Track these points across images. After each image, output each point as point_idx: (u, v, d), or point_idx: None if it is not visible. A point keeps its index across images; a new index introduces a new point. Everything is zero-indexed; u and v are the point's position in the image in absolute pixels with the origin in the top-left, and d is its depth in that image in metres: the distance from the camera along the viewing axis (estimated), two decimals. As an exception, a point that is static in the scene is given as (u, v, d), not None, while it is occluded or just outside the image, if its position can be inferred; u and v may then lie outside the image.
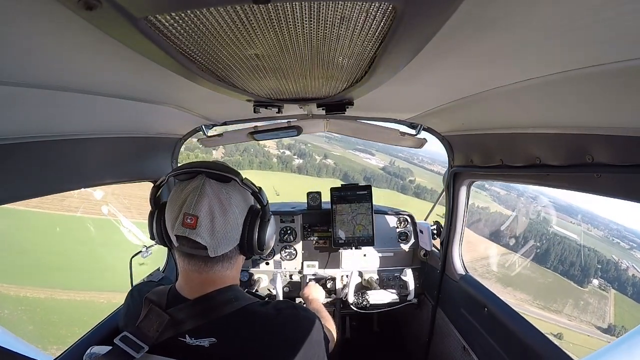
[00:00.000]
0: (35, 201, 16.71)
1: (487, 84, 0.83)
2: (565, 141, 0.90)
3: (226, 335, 0.73)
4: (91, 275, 13.58)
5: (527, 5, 0.42)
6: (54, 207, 17.49)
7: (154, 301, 0.76)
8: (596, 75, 0.57)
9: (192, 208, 0.71)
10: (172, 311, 0.74)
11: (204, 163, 0.77)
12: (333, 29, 0.47)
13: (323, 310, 1.33)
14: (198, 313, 0.74)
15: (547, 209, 35.96)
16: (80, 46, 0.55)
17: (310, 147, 58.07)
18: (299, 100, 1.02)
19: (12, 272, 13.54)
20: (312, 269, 2.13)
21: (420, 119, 1.58)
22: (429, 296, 2.09)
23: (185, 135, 1.74)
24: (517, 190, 37.45)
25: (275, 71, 0.69)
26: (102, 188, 3.82)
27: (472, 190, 1.75)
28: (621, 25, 0.41)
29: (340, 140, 56.82)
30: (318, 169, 52.59)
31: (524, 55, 0.61)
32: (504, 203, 39.36)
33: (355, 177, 48.98)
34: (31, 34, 0.47)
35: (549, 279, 30.16)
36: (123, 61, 0.64)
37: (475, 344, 1.54)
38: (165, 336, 0.72)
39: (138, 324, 0.73)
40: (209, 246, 0.73)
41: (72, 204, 17.92)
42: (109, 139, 1.17)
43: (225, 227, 0.74)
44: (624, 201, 0.82)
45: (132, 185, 1.48)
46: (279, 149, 55.66)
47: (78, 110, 0.90)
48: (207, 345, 0.71)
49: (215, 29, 0.46)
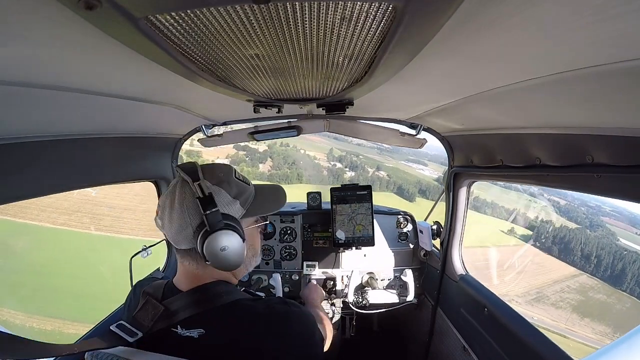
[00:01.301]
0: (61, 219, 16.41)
1: (487, 84, 0.83)
2: (565, 141, 0.90)
3: (214, 326, 0.74)
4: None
5: (527, 6, 0.42)
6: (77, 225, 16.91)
7: (150, 294, 0.80)
8: (596, 75, 0.57)
9: (161, 201, 0.80)
10: (166, 302, 0.77)
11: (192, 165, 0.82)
12: (333, 29, 0.47)
13: (321, 309, 1.33)
14: (190, 304, 0.77)
15: (611, 219, 32.05)
16: (80, 46, 0.54)
17: (362, 159, 55.21)
18: (299, 100, 1.02)
19: (22, 296, 12.05)
20: (312, 269, 2.13)
21: (420, 119, 1.58)
22: (429, 296, 2.09)
23: (185, 135, 1.74)
24: (579, 199, 33.28)
25: (275, 71, 0.69)
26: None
27: (530, 200, 1.73)
28: (621, 25, 0.41)
29: (392, 151, 54.34)
30: (371, 182, 50.78)
31: (524, 55, 0.61)
32: (566, 214, 33.88)
33: (410, 190, 46.08)
34: (31, 33, 0.47)
35: (626, 305, 23.47)
36: (123, 61, 0.64)
37: (475, 344, 1.54)
38: (158, 326, 0.74)
39: (134, 314, 0.77)
40: (170, 239, 0.79)
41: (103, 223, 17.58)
42: (109, 139, 1.17)
43: (178, 221, 0.77)
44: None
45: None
46: (329, 161, 53.03)
47: (78, 110, 0.90)
48: (196, 336, 0.73)
49: (215, 28, 0.46)
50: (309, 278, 2.12)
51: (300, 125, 1.77)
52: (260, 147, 46.18)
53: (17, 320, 10.85)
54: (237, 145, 42.63)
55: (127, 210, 18.88)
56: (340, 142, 57.36)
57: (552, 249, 27.27)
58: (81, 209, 18.25)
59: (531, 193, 32.28)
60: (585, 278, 24.73)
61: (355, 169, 52.38)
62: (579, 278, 24.84)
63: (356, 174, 51.01)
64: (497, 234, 28.71)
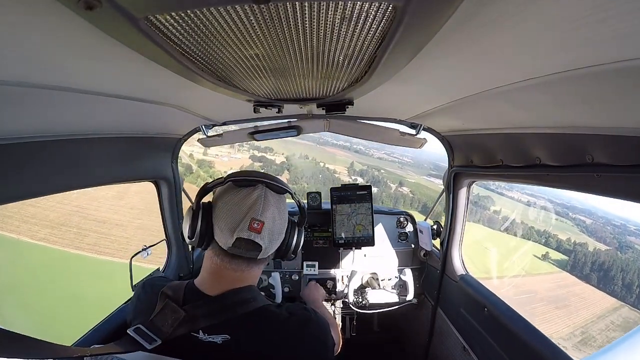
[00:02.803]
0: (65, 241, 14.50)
1: (487, 84, 0.83)
2: (565, 141, 0.90)
3: (240, 333, 0.74)
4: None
5: (527, 5, 0.42)
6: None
7: (170, 296, 0.77)
8: (596, 75, 0.57)
9: (260, 214, 0.77)
10: (188, 307, 0.74)
11: (261, 174, 0.83)
12: (333, 29, 0.47)
13: (327, 312, 1.34)
14: (215, 310, 0.75)
15: (638, 239, 29.66)
16: (80, 46, 0.54)
17: (384, 174, 52.21)
18: (299, 100, 1.02)
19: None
20: (312, 269, 2.13)
21: (420, 119, 1.58)
22: (429, 296, 2.09)
23: (185, 135, 1.74)
24: (603, 217, 30.88)
25: (275, 71, 0.69)
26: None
27: (557, 219, 1.71)
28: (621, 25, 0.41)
29: (413, 165, 52.70)
30: (395, 200, 44.84)
31: (523, 55, 0.61)
32: (594, 235, 30.61)
33: (436, 208, 44.80)
34: (31, 34, 0.47)
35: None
36: (123, 61, 0.64)
37: (475, 344, 1.54)
38: (179, 332, 0.72)
39: (152, 318, 0.73)
40: (265, 248, 0.78)
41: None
42: (109, 139, 1.17)
43: (278, 234, 0.82)
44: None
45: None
46: (350, 176, 49.60)
47: (78, 110, 0.90)
48: (219, 342, 0.72)
49: (215, 29, 0.46)
50: (309, 278, 2.12)
51: (300, 125, 1.77)
52: (277, 159, 44.21)
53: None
54: (254, 157, 41.07)
55: (118, 226, 16.86)
56: (362, 156, 54.91)
57: (590, 277, 24.19)
58: (67, 222, 16.30)
59: (557, 212, 30.01)
60: (627, 311, 22.10)
61: (378, 185, 49.34)
62: (621, 311, 22.14)
63: (379, 191, 47.47)
64: (532, 259, 25.08)
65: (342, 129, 1.91)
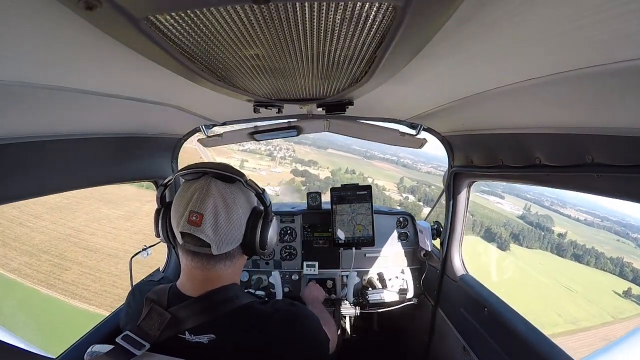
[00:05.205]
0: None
1: (487, 84, 0.83)
2: (565, 141, 0.90)
3: (225, 331, 0.74)
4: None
5: (527, 6, 0.42)
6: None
7: (154, 300, 0.77)
8: (596, 75, 0.57)
9: (198, 206, 0.72)
10: (173, 310, 0.75)
11: (209, 164, 0.79)
12: (333, 29, 0.47)
13: (323, 310, 1.33)
14: (200, 311, 0.75)
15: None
16: (80, 46, 0.54)
17: (435, 190, 44.16)
18: (299, 101, 1.02)
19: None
20: (312, 269, 2.13)
21: (420, 119, 1.58)
22: (429, 296, 2.09)
23: (185, 135, 1.74)
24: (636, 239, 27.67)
25: (275, 71, 0.69)
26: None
27: (616, 240, 1.67)
28: (621, 25, 0.41)
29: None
30: None
31: (524, 55, 0.61)
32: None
33: (501, 233, 37.62)
34: (31, 34, 0.47)
35: None
36: (123, 61, 0.64)
37: (475, 344, 1.54)
38: (166, 334, 0.73)
39: (139, 324, 0.74)
40: (213, 244, 0.74)
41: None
42: (109, 138, 1.17)
43: (228, 225, 0.75)
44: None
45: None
46: (400, 193, 43.71)
47: (78, 110, 0.90)
48: (206, 342, 0.72)
49: (215, 29, 0.46)
50: (309, 278, 2.12)
51: (300, 125, 1.77)
52: (321, 174, 40.26)
53: None
54: (295, 171, 37.54)
55: (110, 257, 14.25)
56: (411, 171, 51.15)
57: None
58: (51, 249, 13.73)
59: (617, 232, 25.94)
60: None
61: (431, 204, 45.77)
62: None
63: (435, 213, 44.80)
64: (613, 298, 20.02)
65: (342, 129, 1.91)
